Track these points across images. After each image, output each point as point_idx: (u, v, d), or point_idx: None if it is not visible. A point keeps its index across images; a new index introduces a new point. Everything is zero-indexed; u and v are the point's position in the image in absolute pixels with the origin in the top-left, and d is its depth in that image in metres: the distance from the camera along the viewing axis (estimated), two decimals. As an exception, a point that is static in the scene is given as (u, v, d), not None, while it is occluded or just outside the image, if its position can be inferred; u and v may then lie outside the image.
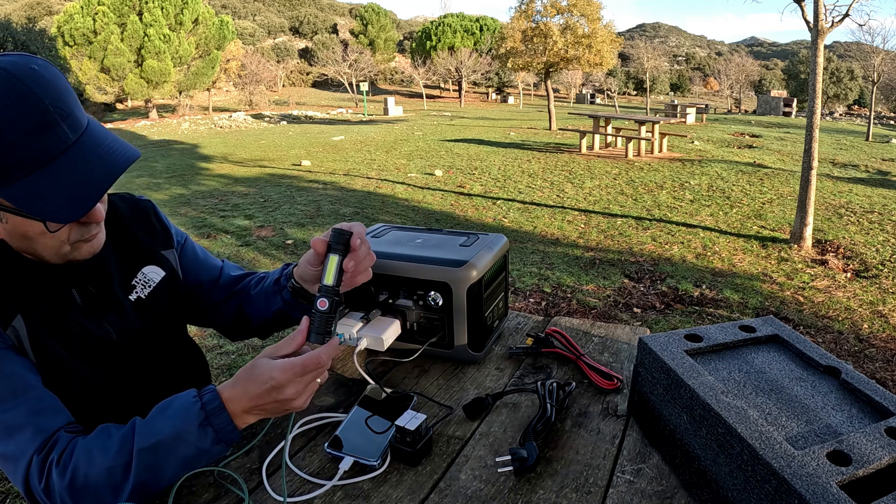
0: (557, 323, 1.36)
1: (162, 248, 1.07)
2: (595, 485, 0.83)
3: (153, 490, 0.79)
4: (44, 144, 0.74)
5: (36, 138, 0.73)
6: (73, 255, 0.88)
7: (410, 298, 1.10)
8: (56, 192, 0.75)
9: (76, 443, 0.79)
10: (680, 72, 66.05)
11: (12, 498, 2.33)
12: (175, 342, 1.11)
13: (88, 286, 0.94)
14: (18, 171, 0.74)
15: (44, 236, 0.82)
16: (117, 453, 0.77)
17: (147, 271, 1.03)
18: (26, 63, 0.75)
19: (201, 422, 0.77)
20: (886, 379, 3.46)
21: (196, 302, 1.15)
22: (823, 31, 5.75)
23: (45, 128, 0.74)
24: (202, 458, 0.80)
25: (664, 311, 4.43)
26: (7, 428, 0.79)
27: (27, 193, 0.75)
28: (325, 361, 0.79)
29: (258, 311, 1.13)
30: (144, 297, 1.02)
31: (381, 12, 54.45)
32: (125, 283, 1.00)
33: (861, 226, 6.77)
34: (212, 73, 28.36)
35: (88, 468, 0.76)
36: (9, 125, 0.71)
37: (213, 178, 9.95)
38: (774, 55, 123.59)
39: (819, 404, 0.77)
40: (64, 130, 0.76)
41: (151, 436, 0.77)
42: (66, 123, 0.76)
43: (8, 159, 0.73)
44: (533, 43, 18.17)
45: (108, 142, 0.81)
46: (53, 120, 0.75)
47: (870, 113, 17.04)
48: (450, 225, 6.79)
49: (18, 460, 0.78)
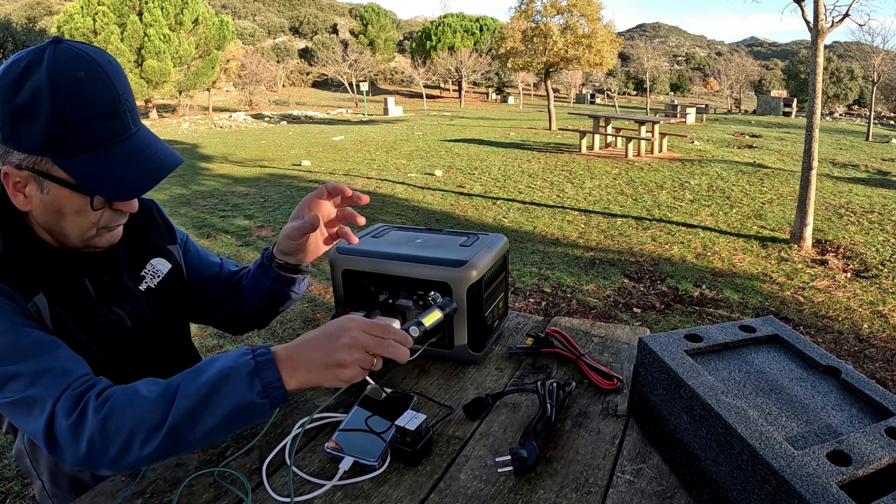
0: (557, 323, 1.36)
1: (167, 243, 1.11)
2: (595, 485, 0.83)
3: (186, 441, 0.75)
4: (109, 129, 0.81)
5: (105, 122, 0.81)
6: (95, 240, 0.91)
7: (410, 298, 1.10)
8: (113, 173, 0.81)
9: (117, 387, 0.79)
10: (680, 72, 66.07)
11: (12, 498, 2.33)
12: (180, 336, 1.15)
13: (101, 276, 0.97)
14: (82, 148, 0.80)
15: (79, 215, 0.86)
16: (160, 396, 0.76)
17: (155, 262, 1.07)
18: (105, 55, 0.83)
19: (250, 371, 0.75)
20: (886, 379, 3.46)
21: (198, 297, 1.18)
22: (823, 31, 5.75)
23: (114, 115, 0.81)
24: (243, 413, 0.75)
25: (664, 311, 4.43)
26: (34, 374, 0.78)
27: (85, 168, 0.80)
28: (397, 335, 0.78)
29: (252, 298, 1.15)
30: (154, 287, 1.06)
31: (381, 12, 54.45)
32: (135, 273, 1.04)
33: (861, 226, 6.77)
34: (212, 73, 28.37)
35: (127, 407, 0.75)
36: (87, 105, 0.79)
37: (213, 178, 9.95)
38: (774, 55, 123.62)
39: (819, 404, 0.77)
40: (128, 121, 0.84)
41: (197, 378, 0.76)
42: (129, 116, 0.84)
43: (77, 134, 0.79)
44: (533, 43, 18.17)
45: (158, 141, 0.89)
46: (122, 110, 0.82)
47: (870, 113, 17.04)
48: (450, 225, 6.79)
49: (44, 401, 0.76)
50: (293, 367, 0.76)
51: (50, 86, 0.76)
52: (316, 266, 5.23)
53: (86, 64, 0.79)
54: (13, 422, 0.81)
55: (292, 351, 0.77)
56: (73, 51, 0.79)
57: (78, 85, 0.77)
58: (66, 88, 0.77)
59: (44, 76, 0.76)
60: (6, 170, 0.82)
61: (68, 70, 0.77)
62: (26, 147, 0.79)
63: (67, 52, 0.79)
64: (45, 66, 0.77)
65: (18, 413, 0.78)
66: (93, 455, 0.74)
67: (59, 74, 0.77)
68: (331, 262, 1.16)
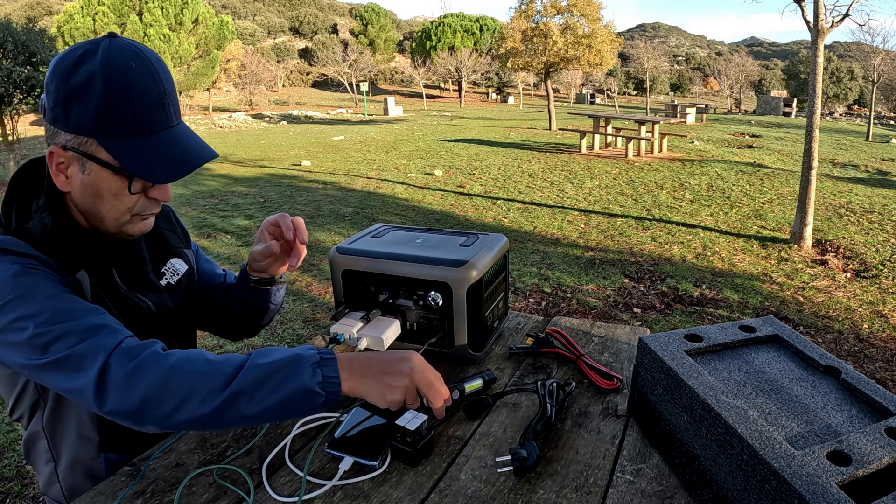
0: (557, 323, 1.36)
1: (183, 247, 1.18)
2: (595, 485, 0.83)
3: (238, 413, 0.77)
4: (153, 118, 0.87)
5: (149, 110, 0.86)
6: (128, 227, 0.95)
7: (410, 298, 1.10)
8: (153, 158, 0.87)
9: (178, 350, 0.82)
10: (680, 72, 66.08)
11: (12, 498, 2.33)
12: (191, 335, 1.21)
13: (128, 267, 1.01)
14: (127, 132, 0.85)
15: (116, 198, 0.90)
16: (226, 362, 0.79)
17: (175, 262, 1.14)
18: (153, 53, 0.90)
19: (315, 362, 0.79)
20: (886, 379, 3.46)
21: (205, 302, 1.24)
22: (823, 31, 5.75)
23: (159, 105, 0.87)
24: (298, 400, 0.78)
25: (664, 311, 4.43)
26: (83, 331, 0.80)
27: (128, 151, 0.85)
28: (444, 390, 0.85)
29: (236, 308, 1.23)
30: (173, 284, 1.11)
31: (381, 12, 54.44)
32: (157, 269, 1.10)
33: (861, 226, 6.77)
34: (212, 73, 28.36)
35: (193, 366, 0.78)
36: (135, 92, 0.84)
37: (213, 178, 9.95)
38: (774, 55, 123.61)
39: (819, 404, 0.77)
40: (171, 113, 0.90)
41: (266, 357, 0.80)
42: (172, 109, 0.90)
43: (124, 118, 0.84)
44: (533, 43, 18.17)
45: (195, 136, 0.95)
46: (167, 102, 0.88)
47: (870, 113, 17.04)
48: (450, 225, 6.79)
49: (96, 354, 0.78)
50: (350, 372, 0.81)
51: (103, 71, 0.82)
52: (316, 266, 5.23)
53: (136, 56, 0.85)
54: (52, 382, 0.81)
55: (353, 359, 0.83)
56: (126, 44, 0.86)
57: (129, 73, 0.83)
58: (118, 75, 0.83)
59: (98, 63, 0.82)
60: (52, 149, 0.87)
61: (122, 60, 0.83)
62: (74, 127, 0.84)
63: (122, 45, 0.85)
64: (99, 55, 0.83)
65: (64, 370, 0.78)
66: (144, 408, 0.76)
67: (112, 62, 0.83)
68: (331, 262, 1.16)
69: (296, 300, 4.47)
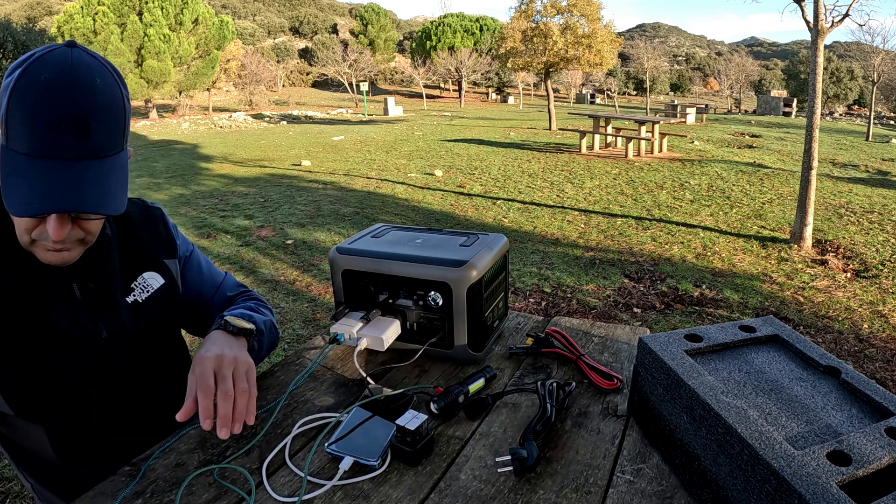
0: (557, 323, 1.36)
1: (165, 256, 1.10)
2: (595, 485, 0.83)
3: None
4: (41, 140, 0.77)
5: (40, 131, 0.76)
6: (36, 252, 0.89)
7: (410, 298, 1.10)
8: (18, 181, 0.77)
9: None
10: (680, 72, 66.08)
11: (12, 498, 2.33)
12: (161, 347, 1.12)
13: (89, 282, 0.96)
14: (18, 146, 0.77)
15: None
16: None
17: (147, 276, 1.06)
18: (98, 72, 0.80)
19: None
20: (886, 379, 3.46)
21: (195, 314, 1.17)
22: (823, 31, 5.75)
23: (53, 128, 0.76)
24: None
25: (664, 311, 4.43)
26: None
27: (9, 166, 0.78)
28: None
29: None
30: (141, 301, 1.04)
31: (381, 12, 54.44)
32: (125, 284, 1.03)
33: (861, 226, 6.77)
34: (212, 73, 28.35)
35: None
36: (36, 106, 0.75)
37: (213, 178, 9.95)
38: (774, 55, 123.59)
39: (819, 404, 0.77)
40: (67, 144, 0.77)
41: None
42: (75, 143, 0.78)
43: (17, 129, 0.77)
44: (533, 43, 18.16)
45: (105, 182, 0.81)
46: (65, 129, 0.77)
47: (870, 113, 17.03)
48: (450, 225, 6.79)
49: None
50: None
51: (19, 76, 0.76)
52: (316, 266, 5.23)
53: (60, 71, 0.76)
54: None
55: None
56: (63, 56, 0.78)
57: (35, 85, 0.76)
58: (29, 85, 0.76)
59: (23, 68, 0.77)
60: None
61: (43, 70, 0.76)
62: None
63: (58, 55, 0.78)
64: (32, 60, 0.77)
65: None
66: None
67: (31, 70, 0.77)
68: (331, 262, 1.16)
69: (296, 300, 4.47)
